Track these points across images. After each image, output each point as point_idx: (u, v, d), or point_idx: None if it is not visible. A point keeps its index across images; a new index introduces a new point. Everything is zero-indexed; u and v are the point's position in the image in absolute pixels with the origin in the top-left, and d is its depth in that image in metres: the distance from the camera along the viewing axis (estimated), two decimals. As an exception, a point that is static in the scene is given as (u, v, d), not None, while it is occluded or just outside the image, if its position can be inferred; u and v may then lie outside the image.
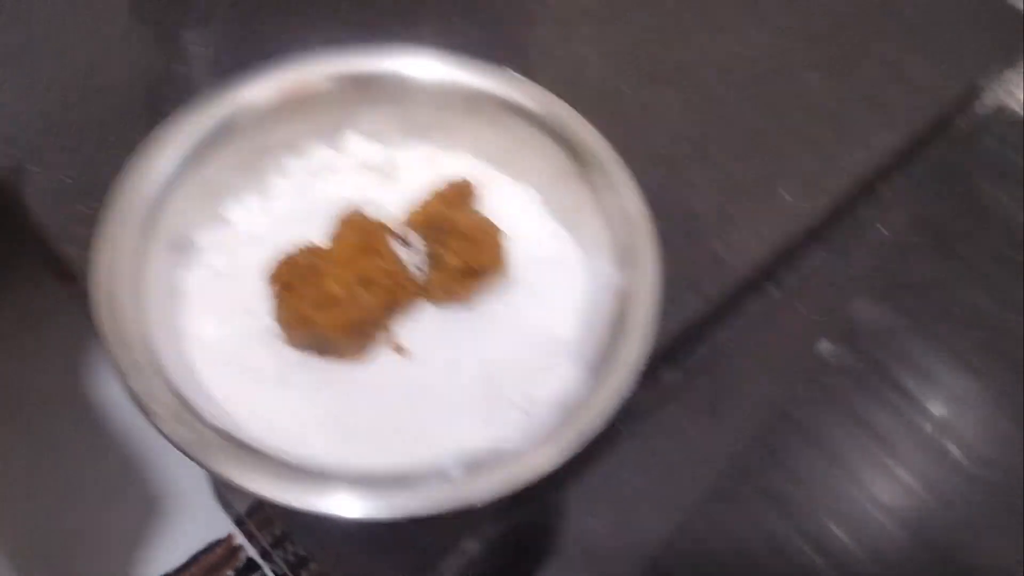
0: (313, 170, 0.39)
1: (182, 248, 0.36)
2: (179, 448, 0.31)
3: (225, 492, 0.72)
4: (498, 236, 0.36)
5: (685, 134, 0.48)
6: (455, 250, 0.35)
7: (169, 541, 0.75)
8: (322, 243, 0.36)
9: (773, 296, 0.48)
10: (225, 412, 0.33)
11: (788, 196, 0.46)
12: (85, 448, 0.76)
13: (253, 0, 0.51)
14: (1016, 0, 0.59)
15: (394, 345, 0.35)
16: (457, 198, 0.37)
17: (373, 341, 0.35)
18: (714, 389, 0.45)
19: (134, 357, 0.32)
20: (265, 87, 0.39)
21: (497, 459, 0.31)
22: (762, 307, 0.48)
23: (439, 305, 0.36)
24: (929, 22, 0.57)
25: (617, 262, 0.37)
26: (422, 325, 0.36)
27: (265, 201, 0.39)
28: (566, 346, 0.36)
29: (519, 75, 0.40)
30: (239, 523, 0.78)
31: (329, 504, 0.30)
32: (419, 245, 0.36)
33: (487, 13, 0.53)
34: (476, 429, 0.33)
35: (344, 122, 0.40)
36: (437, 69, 0.40)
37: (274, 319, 0.34)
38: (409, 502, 0.30)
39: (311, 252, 0.34)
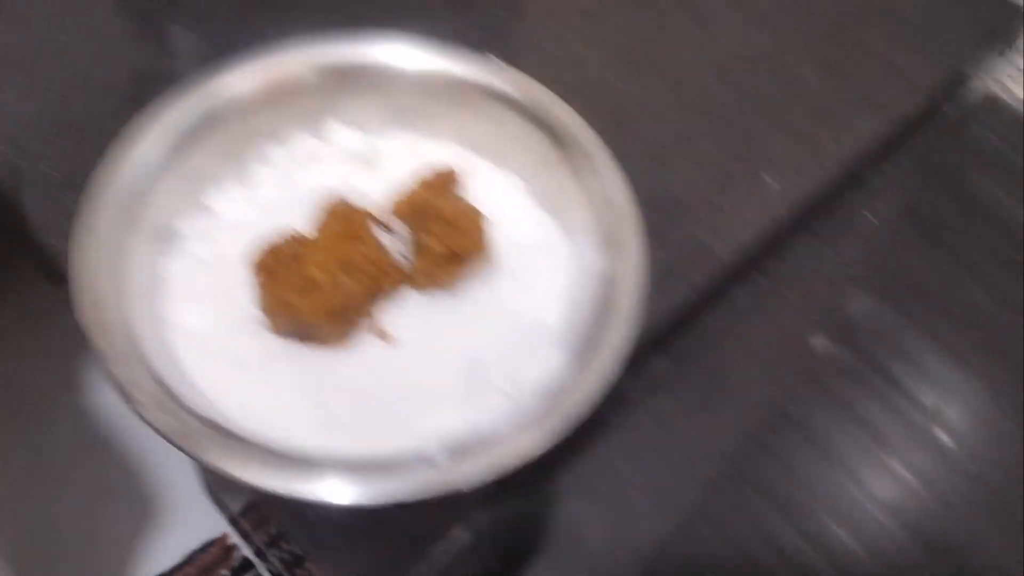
0: (296, 159, 0.39)
1: (165, 237, 0.36)
2: (163, 436, 0.30)
3: (218, 490, 0.72)
4: (480, 221, 0.36)
5: (671, 123, 0.48)
6: (438, 236, 0.35)
7: (164, 541, 0.75)
8: (305, 231, 0.36)
9: (762, 286, 0.48)
10: (209, 400, 0.33)
11: (774, 183, 0.46)
12: (80, 449, 0.76)
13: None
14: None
15: (378, 331, 0.35)
16: (440, 185, 0.37)
17: (356, 327, 0.35)
18: (706, 381, 0.45)
19: (116, 345, 0.32)
20: (247, 76, 0.39)
21: (482, 444, 0.31)
22: (751, 297, 0.47)
23: (423, 291, 0.36)
24: (916, 10, 0.57)
25: (602, 247, 0.36)
26: (406, 311, 0.36)
27: (248, 190, 0.38)
28: (551, 331, 0.36)
29: (502, 63, 0.40)
30: (233, 522, 0.77)
31: (314, 490, 0.30)
32: (403, 232, 0.36)
33: (473, 3, 0.53)
34: (460, 415, 0.33)
35: (327, 111, 0.40)
36: (420, 57, 0.40)
37: (257, 307, 0.34)
38: (395, 487, 0.30)
39: (294, 240, 0.34)
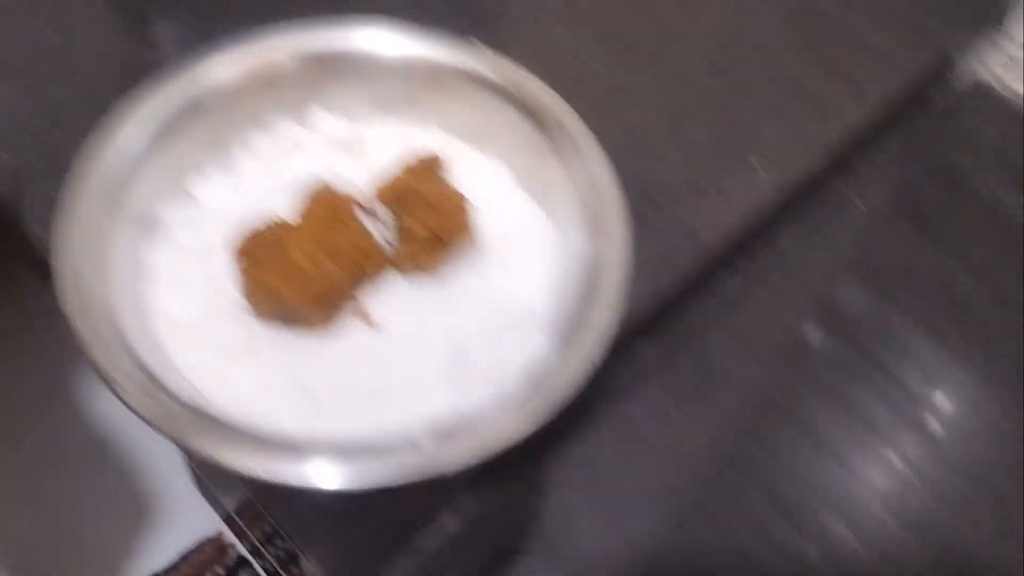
0: (280, 146, 0.39)
1: (148, 224, 0.36)
2: (145, 421, 0.30)
3: (211, 488, 0.72)
4: (464, 204, 0.35)
5: (656, 110, 0.48)
6: (421, 219, 0.34)
7: (158, 540, 0.75)
8: (289, 217, 0.35)
9: (751, 274, 0.48)
10: (192, 386, 0.33)
11: (760, 169, 0.46)
12: (75, 450, 0.75)
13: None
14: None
15: (362, 315, 0.35)
16: (425, 171, 0.37)
17: (341, 312, 0.35)
18: (695, 370, 0.45)
19: (98, 331, 0.31)
20: (230, 63, 0.38)
21: (466, 428, 0.31)
22: (740, 285, 0.47)
23: (408, 276, 0.36)
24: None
25: (587, 231, 0.36)
26: (391, 296, 0.36)
27: (231, 177, 0.38)
28: (536, 316, 0.36)
29: (487, 48, 0.40)
30: (228, 521, 0.77)
31: (299, 474, 0.30)
32: (387, 218, 0.36)
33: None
34: (444, 399, 0.33)
35: (311, 98, 0.40)
36: (404, 44, 0.40)
37: (241, 293, 0.34)
38: (380, 471, 0.30)
39: (277, 226, 0.34)
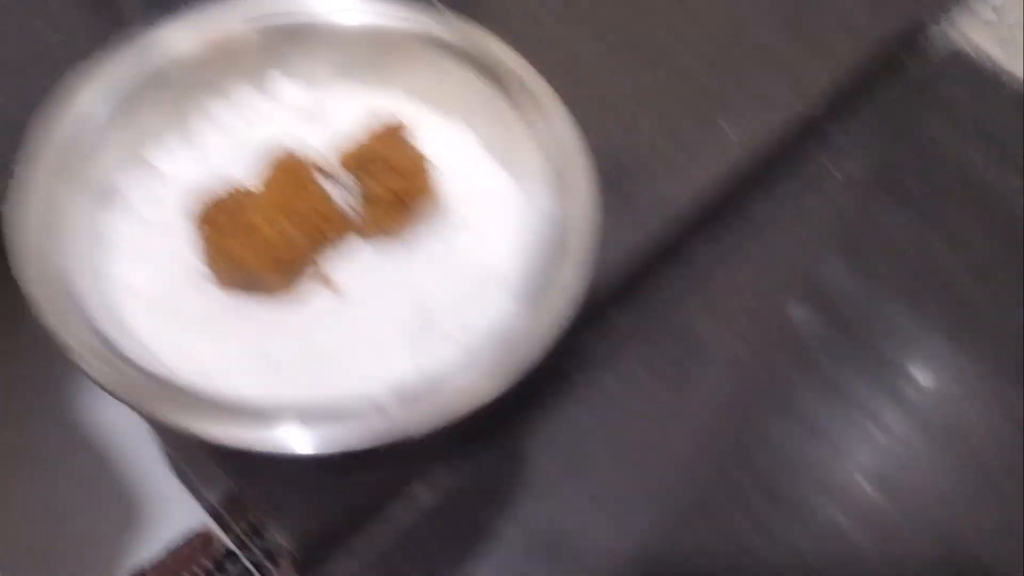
0: (241, 115, 0.39)
1: (107, 194, 0.36)
2: (104, 389, 0.30)
3: (193, 480, 0.71)
4: (424, 166, 0.35)
5: (627, 78, 0.48)
6: (383, 182, 0.34)
7: (144, 535, 0.74)
8: (251, 184, 0.35)
9: (725, 243, 0.48)
10: (154, 355, 0.32)
11: (731, 133, 0.46)
12: (56, 445, 0.75)
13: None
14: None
15: (324, 280, 0.34)
16: (387, 135, 0.36)
17: (303, 277, 0.34)
18: (670, 338, 0.44)
19: (56, 301, 0.31)
20: (189, 32, 0.38)
21: (432, 390, 0.30)
22: (713, 254, 0.47)
23: (373, 241, 0.36)
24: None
25: (553, 192, 0.36)
26: (355, 262, 0.35)
27: (192, 146, 0.38)
28: (502, 278, 0.35)
29: (451, 13, 0.40)
30: (214, 514, 0.77)
31: (263, 440, 0.29)
32: (350, 182, 0.35)
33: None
34: (410, 363, 0.33)
35: (273, 66, 0.39)
36: (367, 9, 0.39)
37: (202, 261, 0.34)
38: (344, 435, 0.29)
39: (239, 192, 0.34)
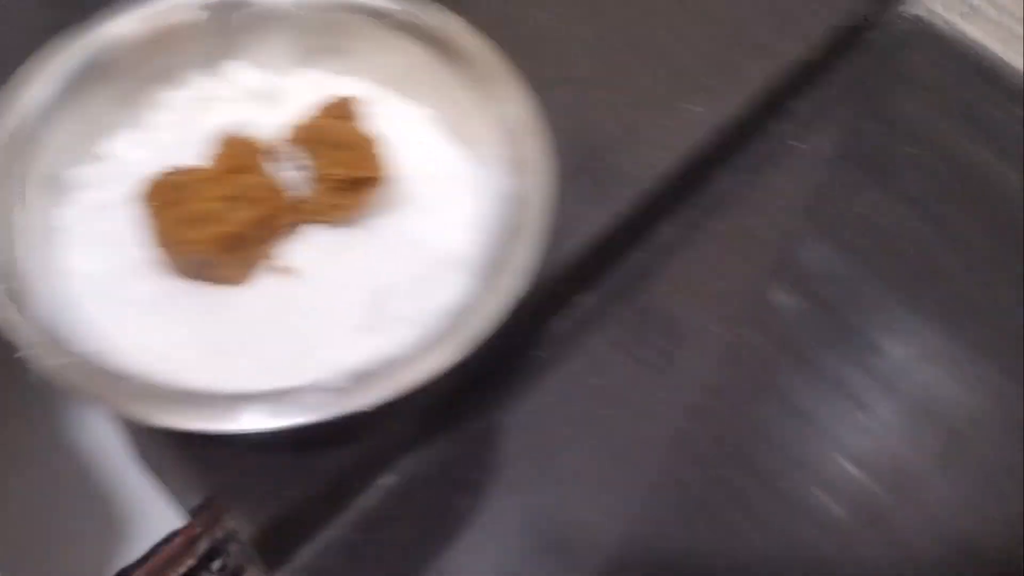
0: (194, 100, 0.38)
1: (58, 185, 0.35)
2: (53, 381, 0.29)
3: (172, 485, 0.71)
4: (375, 146, 0.35)
5: (589, 54, 0.48)
6: (333, 161, 0.34)
7: (127, 535, 0.74)
8: (196, 166, 0.35)
9: (690, 219, 0.47)
10: (106, 344, 0.32)
11: (695, 108, 0.46)
12: (38, 448, 0.74)
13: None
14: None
15: (278, 266, 0.34)
16: (338, 113, 0.36)
17: (256, 263, 0.34)
18: (637, 318, 0.44)
19: (8, 295, 0.31)
20: (141, 20, 0.38)
21: (384, 364, 0.30)
22: (679, 232, 0.47)
23: (329, 224, 0.35)
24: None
25: (511, 172, 0.36)
26: (310, 245, 0.35)
27: (145, 134, 0.38)
28: (459, 257, 0.35)
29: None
30: (195, 514, 0.76)
31: (203, 419, 0.29)
32: (301, 163, 0.35)
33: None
34: (365, 346, 0.32)
35: (229, 51, 0.39)
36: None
37: (152, 244, 0.33)
38: (291, 409, 0.29)
39: (182, 172, 0.33)
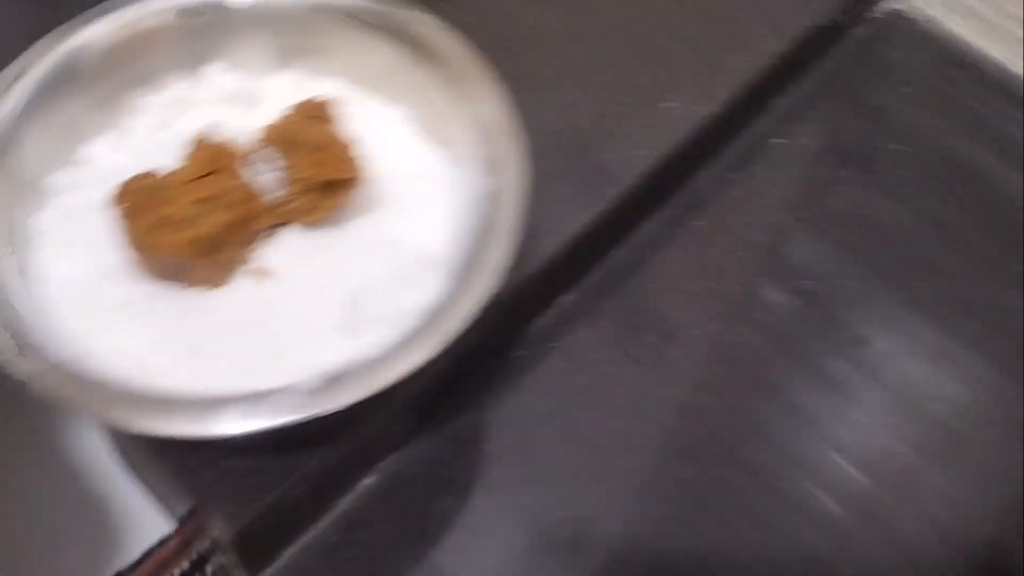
0: (172, 104, 0.39)
1: (35, 191, 0.35)
2: (22, 383, 0.30)
3: (159, 493, 0.71)
4: (350, 149, 0.35)
5: (568, 52, 0.48)
6: (308, 162, 0.34)
7: (120, 540, 0.74)
8: (169, 169, 0.35)
9: (672, 217, 0.47)
10: (84, 349, 0.32)
11: (674, 104, 0.46)
12: (29, 456, 0.74)
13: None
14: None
15: (255, 268, 0.34)
16: (313, 115, 0.36)
17: (233, 266, 0.34)
18: (620, 316, 0.44)
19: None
20: (117, 23, 0.38)
21: (357, 364, 0.30)
22: (661, 227, 0.47)
23: (303, 226, 0.36)
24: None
25: (487, 172, 0.36)
26: (286, 247, 0.35)
27: (123, 139, 0.38)
28: (435, 257, 0.35)
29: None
30: (186, 518, 0.76)
31: (182, 425, 0.29)
32: (276, 165, 0.35)
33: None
34: (344, 346, 0.33)
35: (209, 53, 0.39)
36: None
37: (126, 247, 0.33)
38: (266, 411, 0.29)
39: (157, 176, 0.34)
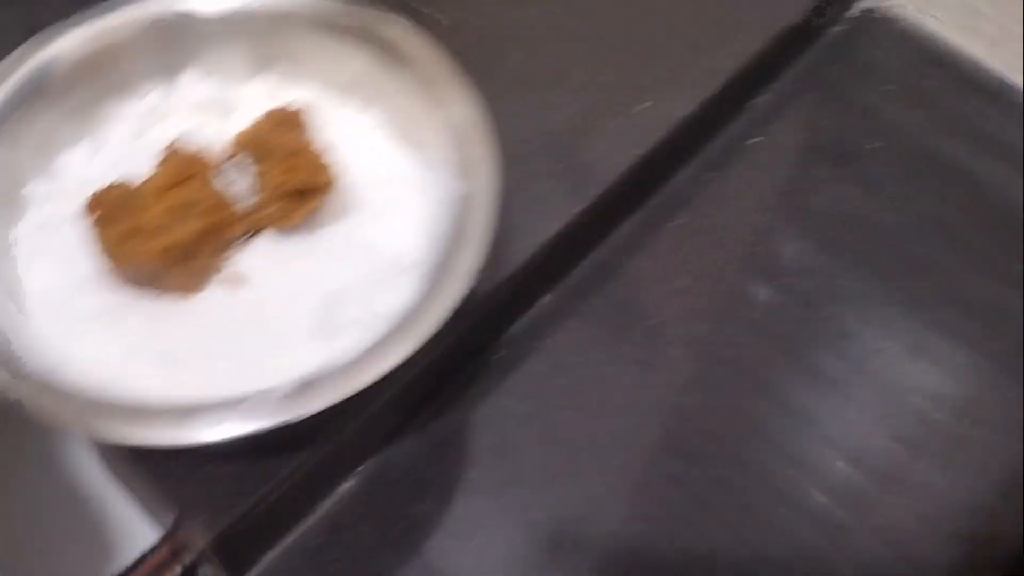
0: (149, 113, 0.39)
1: (12, 202, 0.36)
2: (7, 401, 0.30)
3: (147, 502, 0.71)
4: (323, 156, 0.35)
5: (543, 54, 0.48)
6: (280, 169, 0.34)
7: (112, 547, 0.74)
8: (142, 178, 0.35)
9: (653, 218, 0.48)
10: (61, 358, 0.32)
11: (655, 105, 0.46)
12: (18, 463, 0.74)
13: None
14: None
15: (229, 275, 0.34)
16: (286, 122, 0.36)
17: (207, 273, 0.34)
18: (598, 318, 0.44)
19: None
20: (91, 32, 0.38)
21: (328, 371, 0.31)
22: (641, 227, 0.47)
23: (278, 232, 0.36)
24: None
25: (459, 175, 0.36)
26: (260, 253, 0.36)
27: (98, 148, 0.38)
28: (408, 261, 0.35)
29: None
30: (175, 524, 0.76)
31: (157, 434, 0.30)
32: (249, 173, 0.35)
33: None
34: (319, 351, 0.33)
35: (184, 62, 0.40)
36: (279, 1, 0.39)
37: (101, 258, 0.34)
38: (239, 417, 0.30)
39: (129, 185, 0.34)
